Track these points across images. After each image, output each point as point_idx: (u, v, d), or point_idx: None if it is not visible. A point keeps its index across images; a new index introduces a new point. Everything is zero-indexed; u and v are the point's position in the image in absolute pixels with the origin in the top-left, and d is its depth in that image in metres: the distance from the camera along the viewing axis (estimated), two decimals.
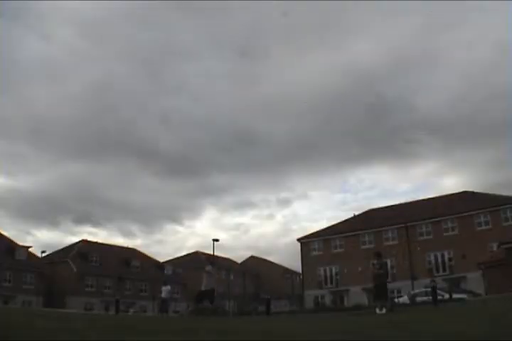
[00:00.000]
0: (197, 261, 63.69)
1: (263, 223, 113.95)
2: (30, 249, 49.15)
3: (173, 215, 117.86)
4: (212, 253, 46.24)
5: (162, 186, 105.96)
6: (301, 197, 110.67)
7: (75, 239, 64.61)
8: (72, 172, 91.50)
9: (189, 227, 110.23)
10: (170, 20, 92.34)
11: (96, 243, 57.18)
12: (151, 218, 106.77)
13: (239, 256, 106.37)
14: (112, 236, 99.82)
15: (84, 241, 55.93)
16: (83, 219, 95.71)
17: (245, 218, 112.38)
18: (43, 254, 50.06)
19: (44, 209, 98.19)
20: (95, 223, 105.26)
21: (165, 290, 20.67)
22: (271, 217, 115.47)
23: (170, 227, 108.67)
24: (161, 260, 64.95)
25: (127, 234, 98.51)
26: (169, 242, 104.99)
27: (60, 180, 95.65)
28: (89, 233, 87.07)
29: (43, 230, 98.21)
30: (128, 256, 57.19)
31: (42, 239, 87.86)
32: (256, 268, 74.19)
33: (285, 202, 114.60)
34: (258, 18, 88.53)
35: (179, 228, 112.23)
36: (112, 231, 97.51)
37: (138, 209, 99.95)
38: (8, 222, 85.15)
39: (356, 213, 48.61)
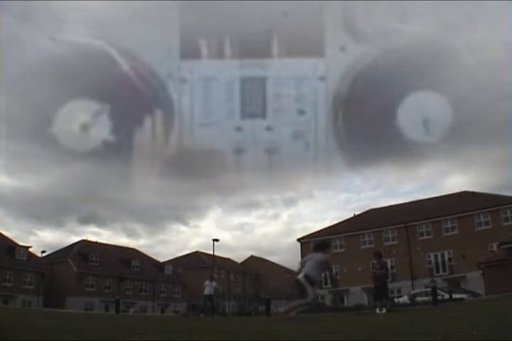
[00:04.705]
0: (197, 261, 63.62)
1: (267, 223, 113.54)
2: (30, 249, 49.17)
3: (179, 215, 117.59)
4: (212, 253, 46.32)
5: (167, 186, 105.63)
6: (306, 197, 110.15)
7: (79, 239, 64.84)
8: (77, 172, 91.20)
9: (194, 227, 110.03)
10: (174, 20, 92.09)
11: (96, 243, 57.18)
12: (156, 218, 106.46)
13: (240, 255, 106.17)
14: (116, 236, 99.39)
15: (84, 241, 55.91)
16: (88, 219, 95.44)
17: (250, 218, 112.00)
18: (43, 254, 50.12)
19: (48, 209, 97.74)
20: (100, 223, 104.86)
21: (208, 285, 19.56)
22: (276, 216, 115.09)
23: (175, 227, 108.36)
24: (164, 260, 64.89)
25: (131, 234, 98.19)
26: (173, 242, 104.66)
27: (65, 180, 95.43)
28: (94, 233, 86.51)
29: (46, 230, 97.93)
30: (128, 256, 57.17)
31: (45, 239, 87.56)
32: (256, 268, 74.19)
33: (290, 202, 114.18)
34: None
35: (184, 228, 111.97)
36: (116, 231, 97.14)
37: (143, 209, 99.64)
38: (12, 221, 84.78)
39: (356, 213, 48.66)
